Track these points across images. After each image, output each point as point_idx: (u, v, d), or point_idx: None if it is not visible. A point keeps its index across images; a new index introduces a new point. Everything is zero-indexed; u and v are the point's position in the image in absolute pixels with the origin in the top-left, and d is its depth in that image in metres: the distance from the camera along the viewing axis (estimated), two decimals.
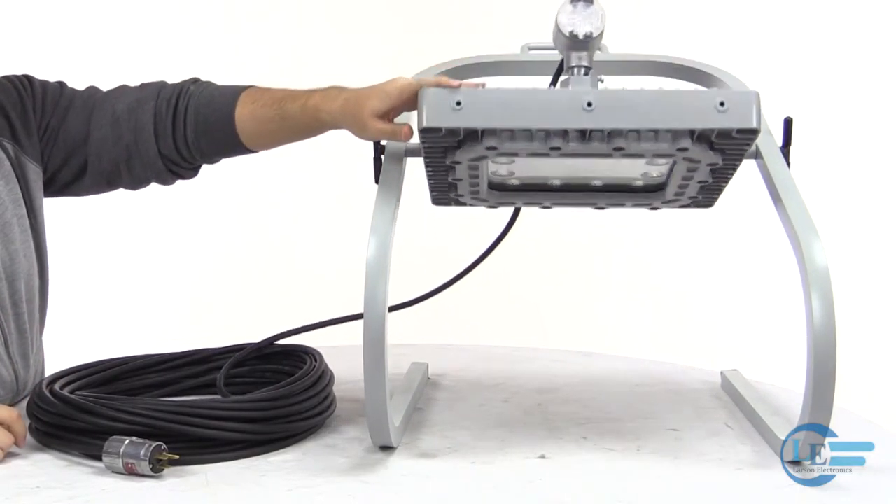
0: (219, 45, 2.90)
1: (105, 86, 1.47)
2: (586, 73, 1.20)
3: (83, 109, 1.43)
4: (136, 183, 1.46)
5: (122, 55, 2.76)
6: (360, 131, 1.26)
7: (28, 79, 1.44)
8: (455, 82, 1.16)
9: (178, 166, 1.45)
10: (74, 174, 1.44)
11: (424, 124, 1.13)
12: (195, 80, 1.46)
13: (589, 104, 1.12)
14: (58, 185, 1.45)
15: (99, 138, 1.42)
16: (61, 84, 1.46)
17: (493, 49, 1.48)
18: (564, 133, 1.13)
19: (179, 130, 1.41)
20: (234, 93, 1.40)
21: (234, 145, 1.41)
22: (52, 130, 1.42)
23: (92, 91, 1.46)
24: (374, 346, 1.10)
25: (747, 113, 1.12)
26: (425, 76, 1.29)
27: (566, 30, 1.18)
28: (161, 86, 1.45)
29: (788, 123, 1.28)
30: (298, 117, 1.33)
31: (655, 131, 1.13)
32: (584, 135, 1.14)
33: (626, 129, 1.13)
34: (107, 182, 1.45)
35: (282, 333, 1.37)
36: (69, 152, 1.42)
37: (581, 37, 1.18)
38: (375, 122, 1.23)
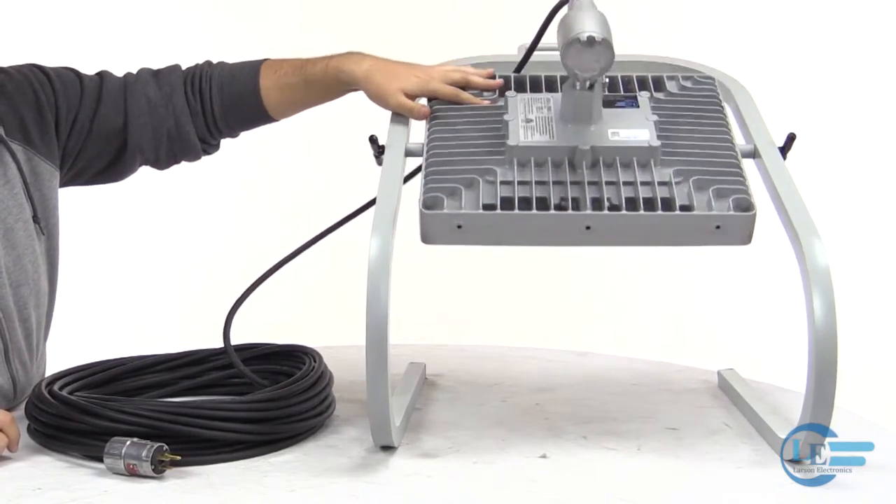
0: (217, 41, 2.89)
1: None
2: (591, 88, 1.21)
3: (114, 99, 1.43)
4: (168, 164, 1.49)
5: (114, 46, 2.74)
6: (380, 99, 1.35)
7: (43, 72, 1.41)
8: (483, 80, 1.33)
9: (207, 144, 1.49)
10: (108, 162, 1.45)
11: (423, 241, 1.18)
12: (208, 63, 1.48)
13: (588, 227, 1.16)
14: (89, 175, 1.46)
15: (139, 126, 1.43)
16: (75, 73, 1.44)
17: (491, 49, 1.48)
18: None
19: (208, 110, 1.45)
20: (254, 67, 1.45)
21: (259, 117, 1.46)
22: (82, 124, 1.41)
23: (115, 79, 1.45)
24: (377, 347, 1.10)
25: (744, 235, 1.17)
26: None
27: (574, 73, 1.19)
28: (178, 69, 1.47)
29: (791, 139, 1.29)
30: (321, 79, 1.40)
31: None
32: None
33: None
34: (139, 165, 1.47)
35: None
36: (105, 142, 1.42)
37: (588, 80, 1.20)
38: (399, 97, 1.33)
